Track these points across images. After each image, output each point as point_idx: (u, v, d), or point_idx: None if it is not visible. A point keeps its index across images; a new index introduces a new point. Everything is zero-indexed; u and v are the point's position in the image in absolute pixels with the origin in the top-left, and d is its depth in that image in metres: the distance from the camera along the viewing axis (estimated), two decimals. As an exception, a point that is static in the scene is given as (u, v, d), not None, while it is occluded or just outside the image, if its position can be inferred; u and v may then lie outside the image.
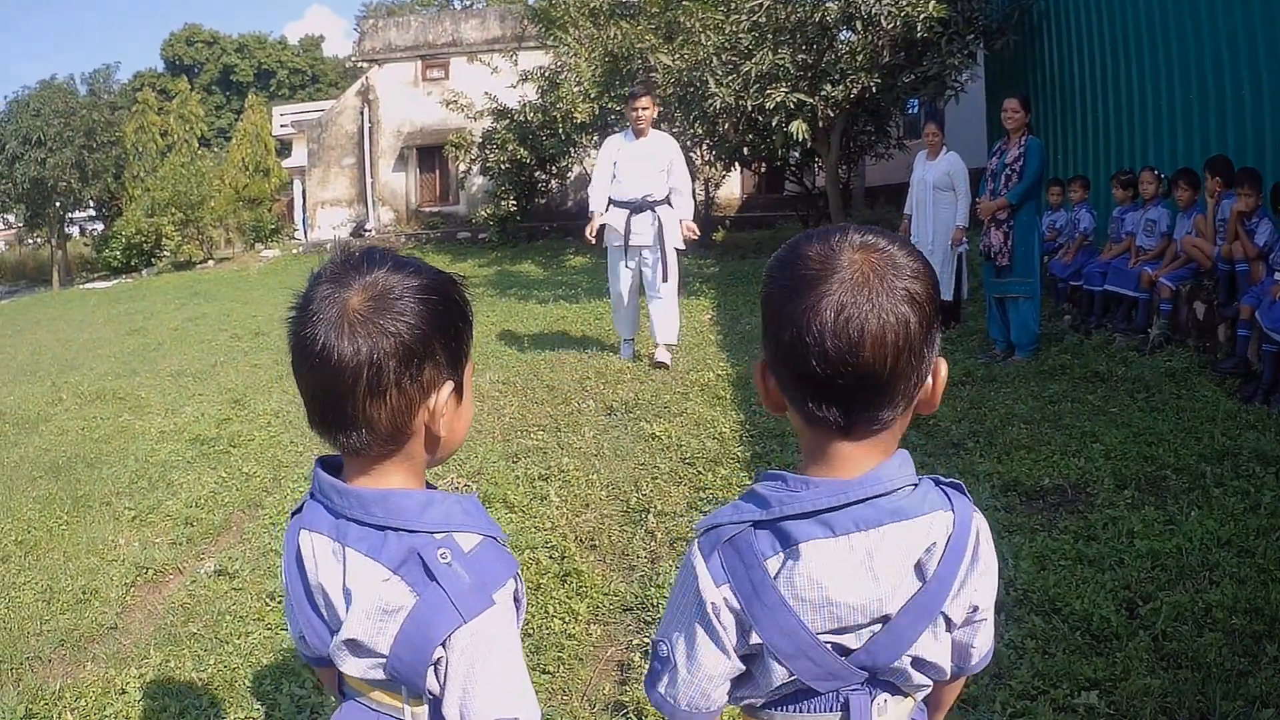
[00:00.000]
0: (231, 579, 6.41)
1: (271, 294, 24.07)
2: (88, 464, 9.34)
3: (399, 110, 34.10)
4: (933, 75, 15.16)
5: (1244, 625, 4.66)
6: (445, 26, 34.11)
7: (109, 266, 37.46)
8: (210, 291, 26.15)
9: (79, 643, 5.81)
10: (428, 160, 34.45)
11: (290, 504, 7.47)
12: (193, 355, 15.34)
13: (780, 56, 14.02)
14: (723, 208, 30.21)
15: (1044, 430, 7.68)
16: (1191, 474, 6.54)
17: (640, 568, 6.05)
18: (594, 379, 10.67)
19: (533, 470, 7.80)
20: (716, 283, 17.86)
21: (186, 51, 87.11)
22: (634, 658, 5.03)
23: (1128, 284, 10.70)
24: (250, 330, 17.55)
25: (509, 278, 22.25)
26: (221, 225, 37.31)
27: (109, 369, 14.69)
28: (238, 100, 77.01)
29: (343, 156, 34.97)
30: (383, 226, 34.22)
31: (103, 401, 12.12)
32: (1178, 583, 5.07)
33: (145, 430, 10.47)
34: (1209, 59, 10.88)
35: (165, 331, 18.83)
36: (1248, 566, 5.14)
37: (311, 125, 36.31)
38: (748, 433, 8.27)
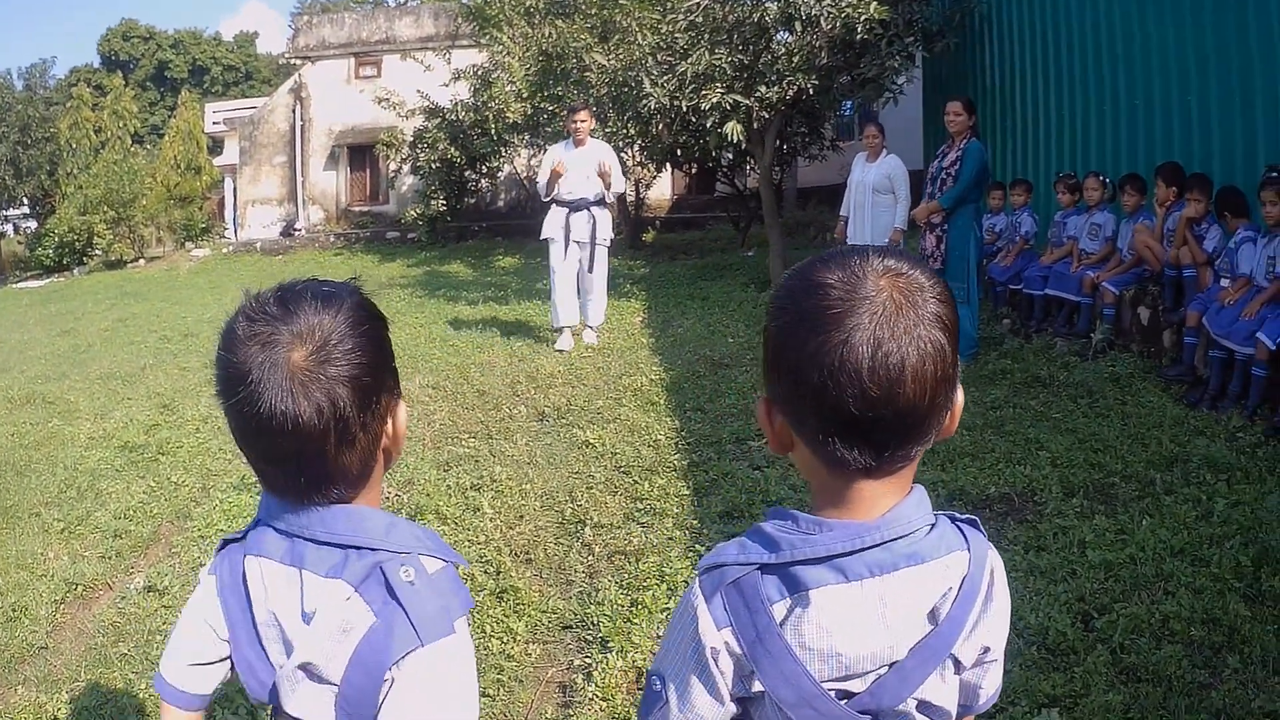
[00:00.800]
0: (161, 595, 6.31)
1: (200, 294, 23.91)
2: (17, 472, 9.21)
3: (331, 108, 33.86)
4: (871, 77, 15.12)
5: (1203, 636, 4.66)
6: (379, 24, 33.91)
7: (41, 265, 37.00)
8: (140, 291, 25.90)
9: (9, 664, 5.72)
10: (359, 159, 34.24)
11: (219, 515, 7.46)
12: (122, 358, 15.17)
13: (717, 57, 13.95)
14: (653, 208, 30.18)
15: (987, 437, 7.66)
16: (1141, 481, 6.55)
17: (578, 583, 6.00)
18: (525, 383, 10.62)
19: (464, 480, 7.72)
20: (647, 284, 17.86)
21: (123, 47, 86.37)
22: (575, 679, 4.99)
23: (1070, 288, 10.72)
24: (179, 331, 17.38)
25: (438, 278, 22.13)
26: (153, 224, 36.91)
27: (39, 372, 14.51)
28: (172, 97, 76.31)
29: (274, 155, 34.68)
30: (312, 226, 33.98)
31: (32, 406, 11.98)
32: (1133, 594, 5.07)
33: (74, 436, 10.33)
34: (1155, 63, 10.87)
35: (95, 333, 18.64)
36: (1203, 576, 5.14)
37: (244, 123, 36.01)
38: (684, 440, 8.23)
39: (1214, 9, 9.88)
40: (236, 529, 5.91)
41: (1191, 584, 5.07)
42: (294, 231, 33.62)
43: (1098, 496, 6.42)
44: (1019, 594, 5.10)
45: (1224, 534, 5.61)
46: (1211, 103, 10.00)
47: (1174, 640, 4.63)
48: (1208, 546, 5.47)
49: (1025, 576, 5.32)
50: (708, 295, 15.77)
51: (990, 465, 7.05)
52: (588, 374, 10.83)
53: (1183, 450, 6.98)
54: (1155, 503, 6.14)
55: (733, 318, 13.63)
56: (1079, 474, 6.74)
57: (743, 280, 16.91)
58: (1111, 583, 5.20)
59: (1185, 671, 4.40)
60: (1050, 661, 4.61)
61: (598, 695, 4.78)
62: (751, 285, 16.12)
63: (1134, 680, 4.41)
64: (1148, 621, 4.77)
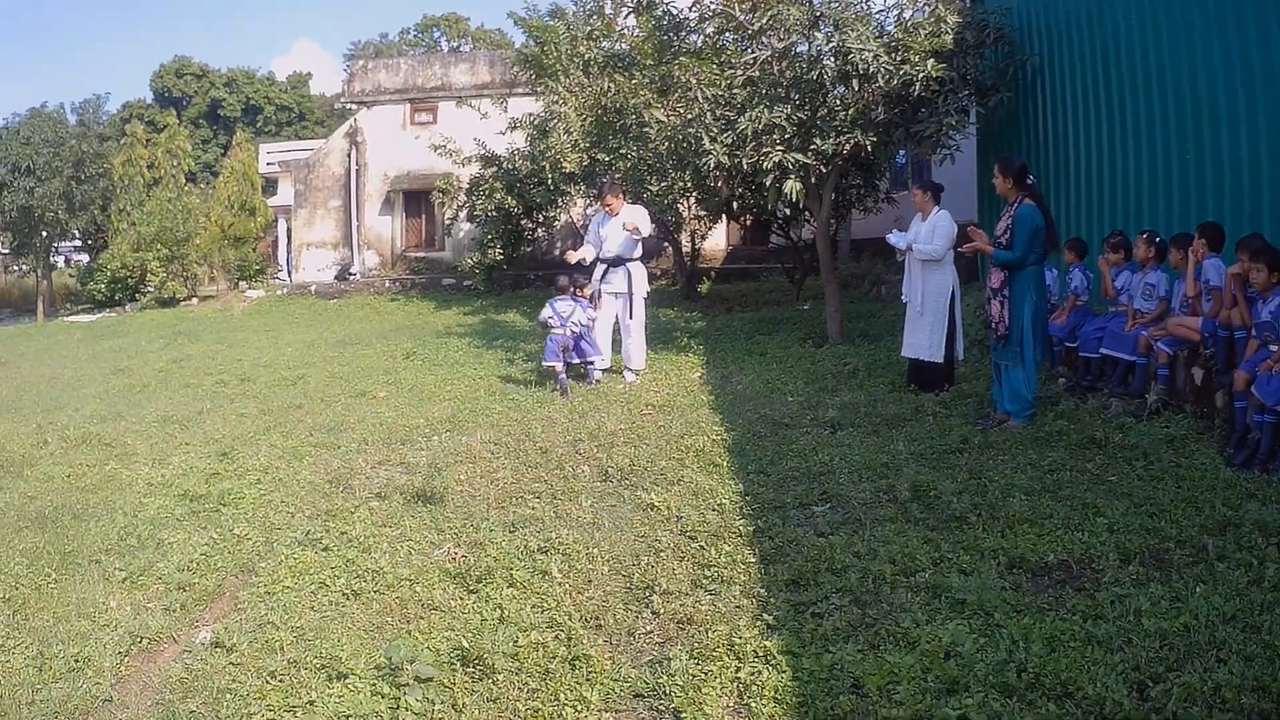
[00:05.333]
0: (229, 652, 6.24)
1: (256, 336, 24.10)
2: (74, 515, 9.19)
3: (386, 153, 34.10)
4: (928, 135, 15.07)
5: (1254, 704, 4.59)
6: (434, 70, 34.15)
7: (93, 299, 37.34)
8: (195, 331, 26.10)
9: (73, 715, 5.67)
10: (414, 205, 34.44)
11: (285, 571, 7.44)
12: (178, 400, 15.27)
13: (775, 114, 13.95)
14: (708, 258, 30.19)
15: (1045, 502, 7.54)
16: (1194, 546, 6.44)
17: (649, 651, 5.91)
18: (587, 441, 10.58)
19: (531, 542, 7.65)
20: (704, 338, 17.87)
21: (176, 84, 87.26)
22: (650, 751, 4.92)
23: (1124, 348, 10.57)
24: (236, 376, 17.51)
25: (495, 328, 22.23)
26: (206, 263, 37.21)
27: (94, 411, 14.60)
28: (224, 134, 77.23)
29: (329, 198, 34.92)
30: (367, 270, 34.18)
31: (88, 446, 12.03)
32: (1186, 662, 4.99)
33: (132, 481, 10.35)
34: (1206, 118, 10.80)
35: (150, 373, 18.80)
36: (1254, 643, 5.06)
37: (298, 165, 36.28)
38: (748, 505, 8.13)
39: (1263, 65, 9.81)
40: (303, 586, 5.92)
41: (1243, 651, 5.00)
42: (349, 275, 33.82)
43: (1153, 563, 6.32)
44: (1077, 663, 5.05)
45: (1275, 599, 5.54)
46: (1263, 158, 9.92)
47: (1225, 709, 4.57)
48: (1259, 612, 5.39)
49: (1083, 646, 5.22)
50: (765, 350, 15.76)
51: (1049, 532, 6.94)
52: (649, 433, 10.77)
53: (1235, 514, 6.87)
54: (1209, 569, 6.06)
55: (791, 375, 13.58)
56: (1135, 540, 6.63)
57: (799, 335, 16.87)
58: (1166, 651, 5.11)
59: None
60: None
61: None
62: (809, 341, 16.09)
63: None
64: (1200, 690, 4.70)
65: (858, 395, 11.80)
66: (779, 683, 5.22)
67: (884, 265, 23.33)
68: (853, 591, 6.24)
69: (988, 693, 4.86)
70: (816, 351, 15.09)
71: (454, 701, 5.45)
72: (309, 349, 21.25)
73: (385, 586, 7.11)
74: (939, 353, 11.55)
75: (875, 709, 4.88)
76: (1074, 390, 11.15)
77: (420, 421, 12.35)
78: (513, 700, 5.44)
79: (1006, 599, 5.89)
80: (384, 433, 11.89)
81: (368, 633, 6.43)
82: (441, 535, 8.09)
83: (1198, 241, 9.65)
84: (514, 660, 5.81)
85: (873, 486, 8.24)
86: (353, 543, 7.98)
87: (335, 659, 5.95)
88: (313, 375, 17.11)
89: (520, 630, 6.14)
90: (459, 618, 6.52)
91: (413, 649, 5.87)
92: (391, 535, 8.18)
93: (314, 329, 25.39)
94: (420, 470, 9.94)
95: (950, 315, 11.57)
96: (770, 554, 7.05)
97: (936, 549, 6.78)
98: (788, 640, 5.65)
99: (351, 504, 9.04)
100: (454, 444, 10.93)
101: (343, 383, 16.07)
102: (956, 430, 9.82)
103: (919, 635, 5.50)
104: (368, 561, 7.53)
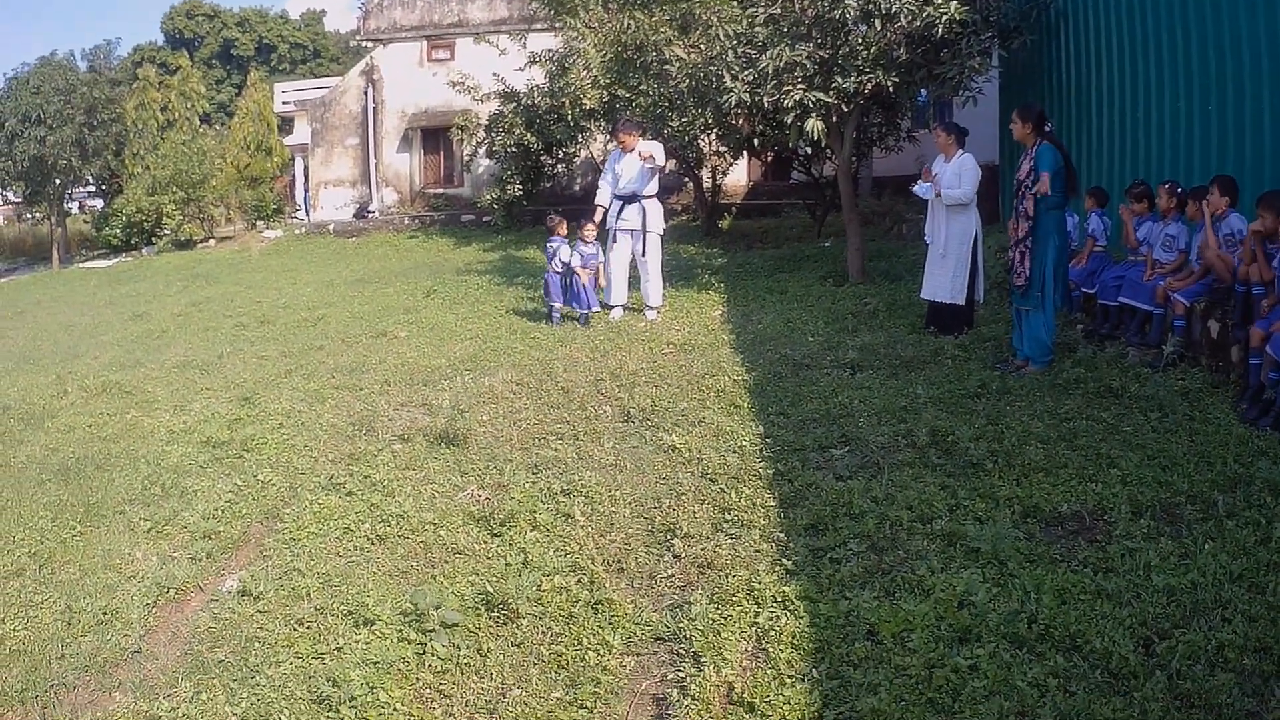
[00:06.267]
0: (256, 600, 6.34)
1: (274, 278, 24.10)
2: (97, 466, 9.27)
3: (403, 91, 33.97)
4: (950, 77, 14.96)
5: (1254, 665, 4.63)
6: (451, 6, 33.90)
7: (109, 244, 37.32)
8: (212, 274, 26.12)
9: (103, 668, 5.75)
10: (432, 142, 34.35)
11: (310, 517, 7.52)
12: (197, 344, 15.33)
13: (797, 52, 13.87)
14: (729, 194, 30.04)
15: (1060, 450, 7.54)
16: (1205, 502, 6.44)
17: (670, 595, 5.99)
18: (609, 381, 10.62)
19: (555, 485, 7.74)
20: (725, 275, 17.81)
21: (187, 25, 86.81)
22: (669, 693, 4.99)
23: (1143, 297, 10.50)
24: (255, 318, 17.54)
25: (515, 264, 22.22)
26: (223, 204, 37.20)
27: (113, 358, 14.67)
28: (238, 74, 76.95)
29: (346, 137, 34.84)
30: (386, 208, 34.15)
31: (108, 395, 12.09)
32: (1192, 619, 5.03)
33: (154, 429, 10.42)
34: (1230, 69, 10.63)
35: (168, 317, 18.85)
36: (1258, 604, 5.09)
37: (315, 105, 36.15)
38: (769, 448, 8.17)
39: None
40: (328, 532, 5.97)
41: (1247, 611, 5.03)
42: (368, 214, 33.76)
43: (1164, 517, 6.33)
44: (1086, 616, 5.11)
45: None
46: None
47: (1228, 668, 4.62)
48: (1265, 572, 5.41)
49: (1093, 600, 5.28)
50: (786, 289, 15.75)
51: (1063, 482, 6.95)
52: (671, 373, 10.80)
53: (1246, 471, 6.84)
54: (1218, 525, 6.06)
55: (812, 313, 13.57)
56: (1147, 492, 6.63)
57: (820, 273, 16.82)
58: (1173, 608, 5.15)
59: (1235, 700, 4.39)
60: (1112, 685, 4.60)
61: (692, 710, 4.78)
62: (829, 279, 16.05)
63: (1188, 707, 4.40)
64: (1204, 648, 4.75)
65: (878, 336, 11.78)
66: (796, 628, 5.29)
67: (905, 203, 23.20)
68: (870, 537, 6.29)
69: (999, 643, 4.91)
70: (837, 290, 15.08)
71: (479, 646, 5.54)
72: (328, 288, 21.26)
73: (409, 531, 7.19)
74: (960, 296, 11.52)
75: (890, 656, 4.94)
76: (1092, 337, 11.10)
77: (442, 361, 12.40)
78: (536, 644, 5.52)
79: (1020, 548, 5.94)
80: (405, 373, 11.94)
81: (393, 578, 6.52)
82: (465, 478, 8.16)
83: (1217, 197, 9.54)
84: (537, 605, 5.90)
85: (891, 430, 8.26)
86: (376, 487, 8.05)
87: (362, 605, 6.04)
88: (333, 315, 17.14)
89: (544, 574, 6.22)
90: (483, 562, 6.61)
91: (438, 594, 5.96)
92: (415, 478, 8.25)
93: (333, 268, 25.41)
94: (443, 411, 9.98)
95: (972, 258, 11.54)
96: (789, 498, 7.10)
97: (953, 495, 6.81)
98: (806, 586, 5.72)
99: (375, 447, 9.11)
100: (476, 384, 10.97)
101: (363, 322, 16.12)
102: (975, 375, 9.80)
103: (934, 583, 5.56)
104: (392, 506, 7.60)
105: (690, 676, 5.04)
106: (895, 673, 4.81)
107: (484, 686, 5.24)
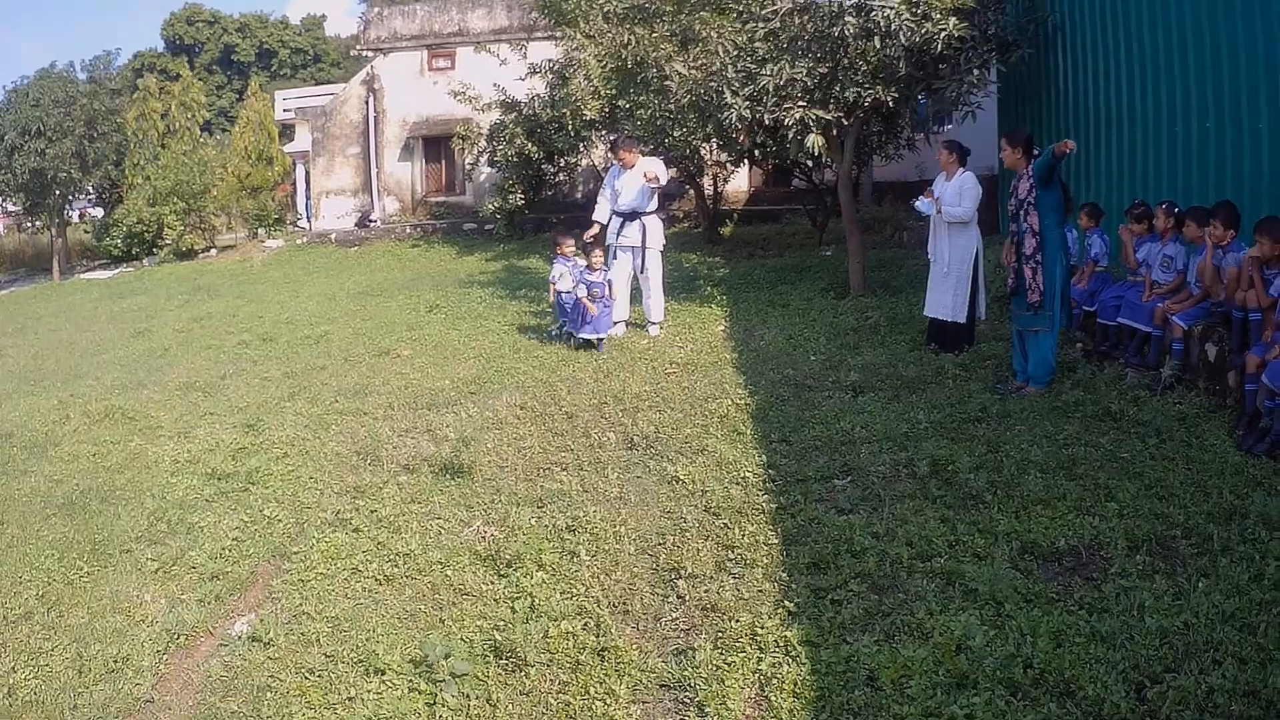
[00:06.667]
0: (266, 647, 6.40)
1: (276, 290, 24.07)
2: (102, 500, 9.31)
3: (404, 100, 34.01)
4: (949, 93, 14.98)
5: (1243, 711, 4.67)
6: (451, 16, 33.91)
7: (109, 255, 37.29)
8: (214, 286, 26.10)
9: (116, 719, 5.80)
10: (434, 150, 34.38)
11: (318, 556, 7.54)
12: (200, 364, 15.34)
13: (796, 70, 13.90)
14: (730, 201, 30.04)
15: (1059, 481, 7.56)
16: (1200, 535, 6.46)
17: (674, 639, 6.05)
18: (612, 404, 10.68)
19: (560, 520, 7.79)
20: (727, 287, 17.75)
21: (187, 31, 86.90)
22: (675, 744, 5.04)
23: (1141, 319, 10.51)
24: (258, 335, 17.52)
25: (518, 275, 22.21)
26: (224, 213, 37.22)
27: (115, 380, 14.69)
28: (239, 80, 77.07)
29: (347, 146, 34.87)
30: (388, 217, 34.17)
31: (111, 421, 12.12)
32: (1184, 663, 5.06)
33: (158, 458, 10.46)
34: (1226, 87, 10.65)
35: (170, 334, 18.84)
36: (1249, 645, 5.13)
37: (315, 114, 36.18)
38: (771, 480, 8.21)
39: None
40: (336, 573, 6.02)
41: (1238, 653, 5.07)
42: (370, 222, 33.78)
43: (1160, 552, 6.36)
44: (1081, 660, 5.15)
45: (1273, 599, 5.57)
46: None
47: (1216, 714, 4.67)
48: (1257, 612, 5.44)
49: (1087, 642, 5.31)
50: (788, 302, 15.73)
51: (1061, 515, 6.98)
52: (674, 395, 10.86)
53: (1241, 503, 6.85)
54: (1212, 561, 6.09)
55: (814, 329, 13.62)
56: (1143, 526, 6.65)
57: (822, 285, 16.78)
58: (1165, 650, 5.19)
59: None
60: None
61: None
62: (831, 292, 16.01)
63: None
64: (1194, 694, 4.79)
65: (879, 354, 11.83)
66: (798, 675, 5.35)
67: (905, 210, 23.22)
68: (870, 577, 6.35)
69: (995, 689, 4.97)
70: (839, 304, 15.07)
71: (488, 696, 5.60)
72: (330, 302, 21.24)
73: (416, 571, 7.24)
74: (962, 314, 11.57)
75: (889, 704, 5.01)
76: (1091, 356, 11.11)
77: (445, 383, 12.43)
78: (544, 694, 5.58)
79: (1017, 588, 5.98)
80: (409, 396, 11.97)
81: (401, 621, 6.57)
82: (471, 512, 8.21)
83: (1221, 231, 9.47)
84: (545, 652, 5.95)
85: (892, 459, 8.32)
86: (383, 523, 8.11)
87: (371, 654, 6.10)
88: (335, 332, 17.12)
89: (550, 620, 6.28)
90: (490, 605, 6.67)
91: (447, 642, 6.02)
92: (421, 513, 8.31)
93: (335, 279, 25.37)
94: (447, 439, 10.05)
95: (973, 276, 11.59)
96: (792, 534, 7.14)
97: (952, 531, 6.87)
98: (807, 630, 5.77)
99: (380, 479, 9.17)
100: (480, 409, 11.01)
101: (366, 340, 16.11)
102: (976, 397, 9.84)
103: (932, 626, 5.62)
104: (399, 544, 7.66)
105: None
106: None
107: (494, 738, 5.29)
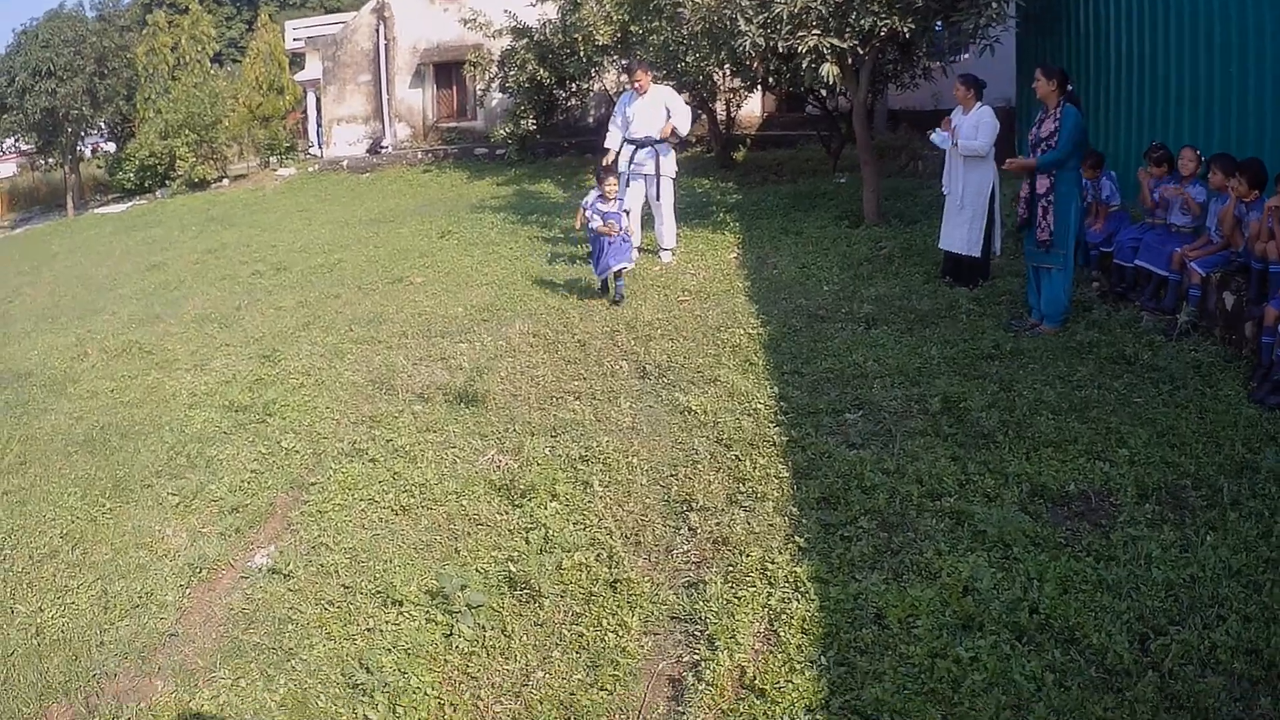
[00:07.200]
0: (286, 579, 6.51)
1: (290, 218, 23.98)
2: (122, 436, 9.40)
3: (415, 27, 33.73)
4: (967, 27, 14.82)
5: (1244, 669, 4.70)
6: (462, -59, 33.64)
7: (122, 188, 37.19)
8: (228, 216, 26.02)
9: (142, 654, 5.91)
10: (445, 77, 34.14)
11: (336, 486, 7.62)
12: (215, 296, 15.40)
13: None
14: (744, 126, 29.86)
15: (1071, 423, 7.54)
16: (1211, 487, 6.43)
17: (685, 572, 6.13)
18: (625, 333, 10.73)
19: (573, 450, 7.87)
20: (740, 213, 17.63)
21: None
22: (685, 676, 5.15)
23: (1159, 262, 10.39)
24: (271, 264, 17.58)
25: (529, 200, 22.15)
26: (236, 143, 37.11)
27: (131, 314, 14.76)
28: (248, 10, 76.37)
29: (358, 74, 34.67)
30: (399, 143, 34.02)
31: (129, 356, 12.22)
32: (1189, 616, 5.10)
33: (176, 392, 10.57)
34: (1251, 30, 10.54)
35: (185, 266, 18.84)
36: (1254, 603, 5.14)
37: (326, 43, 35.94)
38: (783, 412, 8.24)
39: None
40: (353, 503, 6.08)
41: (1242, 610, 5.08)
42: (381, 149, 33.64)
43: (1169, 502, 6.34)
44: (1086, 607, 5.20)
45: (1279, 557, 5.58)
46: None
47: (1218, 670, 4.70)
48: (1263, 569, 5.44)
49: (1094, 590, 5.36)
50: (801, 230, 15.62)
51: (1072, 458, 6.96)
52: (686, 324, 10.88)
53: (1253, 457, 6.80)
54: (1221, 515, 6.06)
55: (827, 258, 13.54)
56: (1154, 474, 6.63)
57: (835, 213, 16.67)
58: (1171, 603, 5.22)
59: (1223, 704, 4.48)
60: (1106, 682, 4.70)
61: (706, 695, 4.95)
62: (844, 220, 15.92)
63: (1177, 708, 4.49)
64: (1197, 649, 4.83)
65: (893, 286, 11.79)
66: (807, 611, 5.43)
67: (921, 139, 23.01)
68: (880, 514, 6.40)
69: (1000, 633, 5.04)
70: (852, 233, 14.99)
71: (504, 627, 5.70)
72: (343, 229, 21.19)
73: (432, 501, 7.35)
74: (977, 248, 11.53)
75: (896, 643, 5.09)
76: (1106, 296, 11.04)
77: (458, 310, 12.50)
78: (558, 625, 5.68)
79: (1025, 531, 6.01)
80: (423, 324, 12.06)
81: (417, 552, 6.68)
82: (485, 442, 8.30)
83: (1247, 189, 9.35)
84: (559, 584, 6.05)
85: (904, 394, 8.33)
86: (399, 453, 8.20)
87: (389, 585, 6.21)
88: (348, 259, 17.17)
89: (564, 552, 6.38)
90: (504, 536, 6.76)
91: (462, 573, 6.11)
92: (436, 442, 8.39)
93: (347, 206, 25.33)
94: (461, 368, 10.15)
95: (990, 210, 11.55)
96: (803, 467, 7.19)
97: (963, 470, 6.88)
98: (817, 566, 5.84)
99: (395, 408, 9.25)
100: (493, 337, 11.09)
101: (379, 267, 16.16)
102: (989, 334, 9.78)
103: (940, 566, 5.68)
104: (414, 474, 7.75)
105: (705, 660, 5.20)
106: (900, 661, 4.96)
107: (509, 669, 5.41)
